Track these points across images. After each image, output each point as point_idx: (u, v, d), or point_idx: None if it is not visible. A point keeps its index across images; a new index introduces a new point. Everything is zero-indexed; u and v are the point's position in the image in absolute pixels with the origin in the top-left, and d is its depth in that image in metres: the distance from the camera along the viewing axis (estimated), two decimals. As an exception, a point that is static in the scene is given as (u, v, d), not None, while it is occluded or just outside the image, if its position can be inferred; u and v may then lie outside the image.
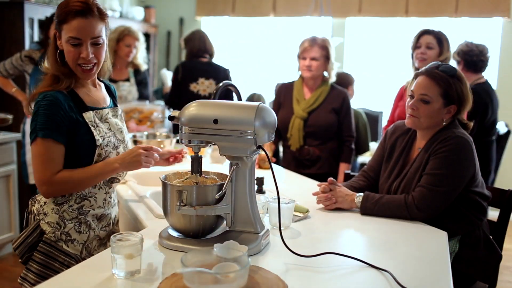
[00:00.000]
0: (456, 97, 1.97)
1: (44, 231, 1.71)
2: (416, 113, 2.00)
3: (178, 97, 3.90)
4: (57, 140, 1.63)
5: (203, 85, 3.93)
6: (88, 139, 1.68)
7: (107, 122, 1.78)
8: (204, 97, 3.88)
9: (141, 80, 4.08)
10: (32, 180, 3.29)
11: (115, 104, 1.88)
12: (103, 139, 1.71)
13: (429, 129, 2.04)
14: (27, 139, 3.28)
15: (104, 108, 1.80)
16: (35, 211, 1.74)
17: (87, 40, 1.66)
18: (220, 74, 3.99)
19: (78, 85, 1.74)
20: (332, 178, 2.06)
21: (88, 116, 1.70)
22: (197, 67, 3.95)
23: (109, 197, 1.83)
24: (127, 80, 4.01)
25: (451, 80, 1.96)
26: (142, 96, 4.07)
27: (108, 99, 1.85)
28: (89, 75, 1.72)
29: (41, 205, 1.73)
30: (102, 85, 1.87)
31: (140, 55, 4.01)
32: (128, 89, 3.99)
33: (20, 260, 1.74)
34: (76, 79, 1.72)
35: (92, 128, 1.69)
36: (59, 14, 1.66)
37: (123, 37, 3.88)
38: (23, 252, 1.72)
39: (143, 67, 4.08)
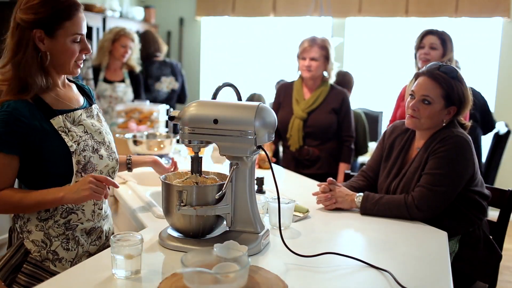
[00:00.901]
0: (457, 98, 1.96)
1: (29, 250, 1.58)
2: (417, 114, 1.99)
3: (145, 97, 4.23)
4: (9, 152, 1.51)
5: (166, 82, 4.37)
6: (59, 146, 1.55)
7: (82, 124, 1.64)
8: (168, 93, 4.49)
9: (136, 80, 4.13)
10: None
11: (90, 104, 1.74)
12: (78, 144, 1.58)
13: (428, 129, 2.04)
14: None
15: (77, 109, 1.65)
16: (18, 229, 1.61)
17: (84, 35, 1.61)
18: (176, 69, 4.52)
19: (46, 90, 1.59)
20: (331, 178, 2.06)
21: (57, 122, 1.56)
22: (156, 67, 4.37)
23: (99, 209, 1.69)
24: (123, 81, 4.03)
25: (453, 82, 1.95)
26: (138, 97, 4.11)
27: (81, 99, 1.71)
28: (78, 70, 1.64)
29: (24, 222, 1.60)
30: (73, 85, 1.74)
31: (134, 56, 4.05)
32: (124, 90, 4.01)
33: (3, 283, 1.59)
34: (46, 83, 1.58)
35: (63, 135, 1.56)
36: (60, 10, 1.52)
37: (118, 38, 3.89)
38: (7, 274, 1.58)
39: (137, 68, 4.13)
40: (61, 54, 1.56)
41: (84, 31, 1.59)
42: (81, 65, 1.64)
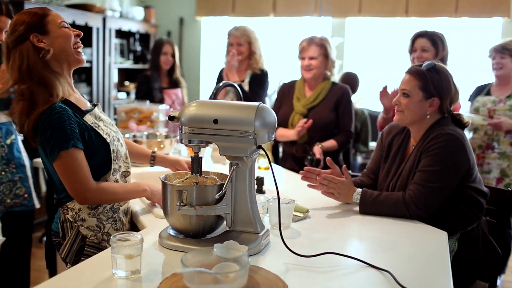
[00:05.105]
0: (433, 89, 2.02)
1: (86, 235, 1.76)
2: (400, 108, 2.08)
3: None
4: (78, 146, 1.65)
5: None
6: (98, 140, 1.72)
7: (102, 120, 1.81)
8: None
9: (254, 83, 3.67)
10: None
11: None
12: (108, 135, 1.76)
13: (415, 124, 2.07)
14: None
15: (93, 107, 1.82)
16: (71, 219, 1.76)
17: (68, 24, 1.78)
18: None
19: (67, 91, 1.73)
20: (330, 159, 2.14)
21: (89, 119, 1.73)
22: None
23: None
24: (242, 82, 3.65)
25: (427, 73, 2.03)
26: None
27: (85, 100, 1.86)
28: (83, 56, 1.78)
29: (75, 212, 1.75)
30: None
31: (257, 54, 3.74)
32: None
33: (70, 266, 1.75)
34: (64, 82, 1.72)
35: (97, 129, 1.73)
36: (37, 13, 1.69)
37: (228, 36, 3.70)
38: (72, 259, 1.75)
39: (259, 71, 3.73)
40: (58, 40, 1.70)
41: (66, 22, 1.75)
42: (82, 52, 1.76)
